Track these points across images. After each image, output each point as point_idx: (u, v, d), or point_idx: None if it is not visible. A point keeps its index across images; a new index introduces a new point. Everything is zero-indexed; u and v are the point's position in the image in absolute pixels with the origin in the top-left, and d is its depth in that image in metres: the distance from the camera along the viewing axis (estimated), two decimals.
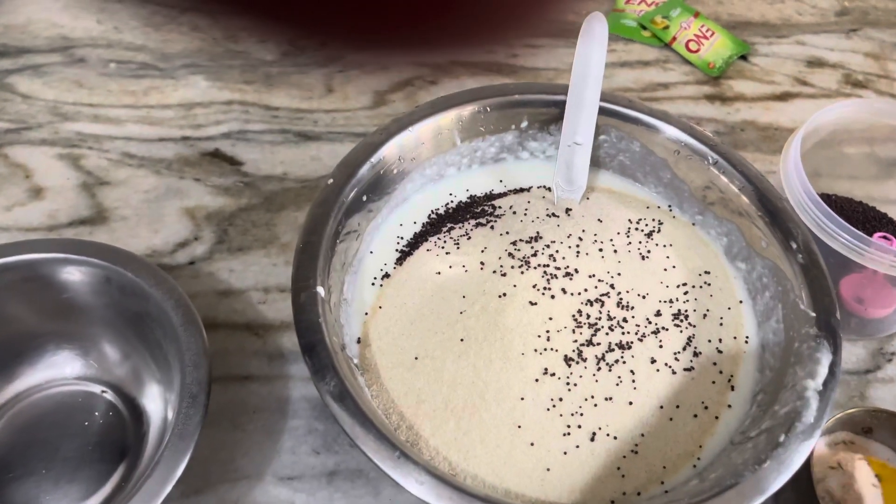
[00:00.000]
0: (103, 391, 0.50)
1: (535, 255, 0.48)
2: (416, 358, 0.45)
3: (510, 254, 0.48)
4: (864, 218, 0.60)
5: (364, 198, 0.50)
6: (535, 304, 0.45)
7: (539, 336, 0.44)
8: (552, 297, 0.45)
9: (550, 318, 0.45)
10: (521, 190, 0.55)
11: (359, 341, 0.47)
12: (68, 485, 0.46)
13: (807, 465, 0.44)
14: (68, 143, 0.63)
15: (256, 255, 0.57)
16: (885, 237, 0.55)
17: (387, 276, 0.50)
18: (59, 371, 0.50)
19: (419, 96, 0.69)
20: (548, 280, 0.46)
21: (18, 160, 0.62)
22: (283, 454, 0.48)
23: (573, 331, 0.45)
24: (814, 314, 0.44)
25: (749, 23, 0.79)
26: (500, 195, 0.55)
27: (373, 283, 0.49)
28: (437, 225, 0.52)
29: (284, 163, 0.63)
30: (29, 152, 0.62)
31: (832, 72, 0.74)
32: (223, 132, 0.65)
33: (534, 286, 0.46)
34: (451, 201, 0.54)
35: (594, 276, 0.47)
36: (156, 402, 0.49)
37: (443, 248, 0.50)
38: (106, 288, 0.48)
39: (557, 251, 0.48)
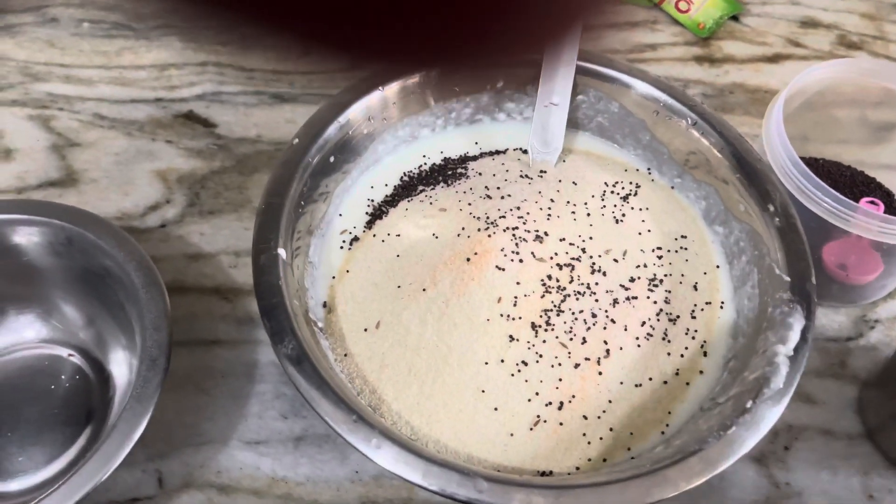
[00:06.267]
0: (70, 354, 0.49)
1: (503, 217, 0.46)
2: (381, 322, 0.44)
3: (477, 217, 0.47)
4: (851, 182, 0.58)
5: (332, 159, 0.49)
6: (503, 269, 0.44)
7: (505, 302, 0.43)
8: (521, 261, 0.44)
9: (518, 284, 0.44)
10: (497, 152, 0.54)
11: (325, 305, 0.46)
12: (32, 447, 0.46)
13: None
14: (39, 104, 0.62)
15: (228, 218, 0.56)
16: (872, 202, 0.54)
17: (356, 239, 0.49)
18: (21, 335, 0.49)
19: None
20: (516, 244, 0.45)
21: None
22: (250, 419, 0.48)
23: (542, 296, 0.43)
24: (788, 279, 0.43)
25: None
26: (475, 157, 0.53)
27: (341, 247, 0.48)
28: (408, 188, 0.51)
29: (258, 125, 0.62)
30: None
31: (826, 32, 0.72)
32: (197, 94, 0.64)
33: (501, 250, 0.44)
34: (425, 163, 0.53)
35: (564, 239, 0.46)
36: (121, 366, 0.48)
37: (413, 211, 0.49)
38: (67, 250, 0.47)
39: (528, 213, 0.47)
